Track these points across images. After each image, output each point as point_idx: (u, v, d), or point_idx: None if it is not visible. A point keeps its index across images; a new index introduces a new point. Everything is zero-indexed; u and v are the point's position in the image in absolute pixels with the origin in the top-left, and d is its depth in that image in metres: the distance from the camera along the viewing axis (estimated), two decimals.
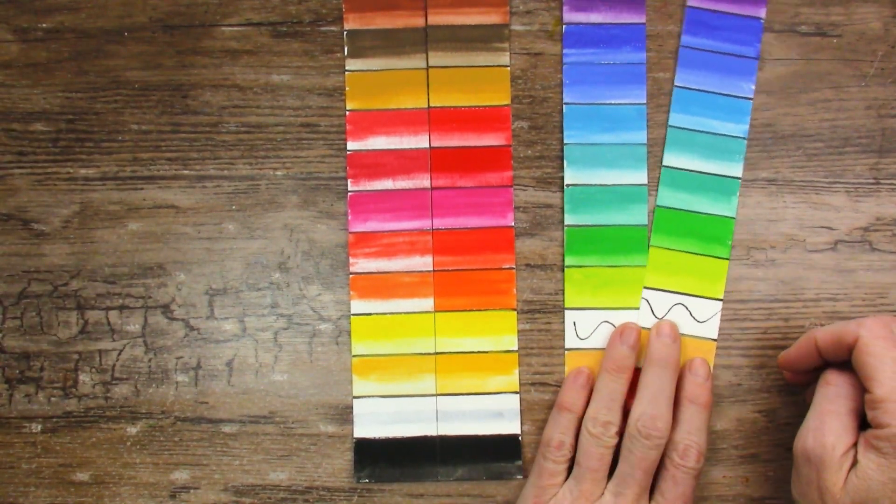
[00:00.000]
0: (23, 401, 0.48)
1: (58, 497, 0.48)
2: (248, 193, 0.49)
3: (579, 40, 0.49)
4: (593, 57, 0.49)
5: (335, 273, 0.48)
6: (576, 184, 0.48)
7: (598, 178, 0.48)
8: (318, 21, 0.50)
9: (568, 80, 0.49)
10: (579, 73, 0.49)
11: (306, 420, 0.48)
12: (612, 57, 0.49)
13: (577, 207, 0.48)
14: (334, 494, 0.47)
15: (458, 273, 0.48)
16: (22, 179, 0.49)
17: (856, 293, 0.48)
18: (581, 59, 0.49)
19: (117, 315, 0.48)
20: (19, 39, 0.49)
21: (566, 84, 0.49)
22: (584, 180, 0.48)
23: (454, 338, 0.48)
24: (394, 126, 0.49)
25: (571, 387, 0.46)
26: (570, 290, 0.48)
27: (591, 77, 0.49)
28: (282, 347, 0.48)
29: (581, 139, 0.49)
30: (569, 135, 0.49)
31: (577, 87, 0.49)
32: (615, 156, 0.48)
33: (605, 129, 0.49)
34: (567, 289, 0.48)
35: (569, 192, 0.48)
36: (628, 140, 0.48)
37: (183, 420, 0.48)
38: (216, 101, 0.49)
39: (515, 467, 0.47)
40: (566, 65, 0.49)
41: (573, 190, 0.48)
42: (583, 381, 0.46)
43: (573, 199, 0.48)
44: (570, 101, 0.49)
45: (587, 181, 0.48)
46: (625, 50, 0.49)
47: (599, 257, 0.48)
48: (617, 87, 0.49)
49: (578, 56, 0.49)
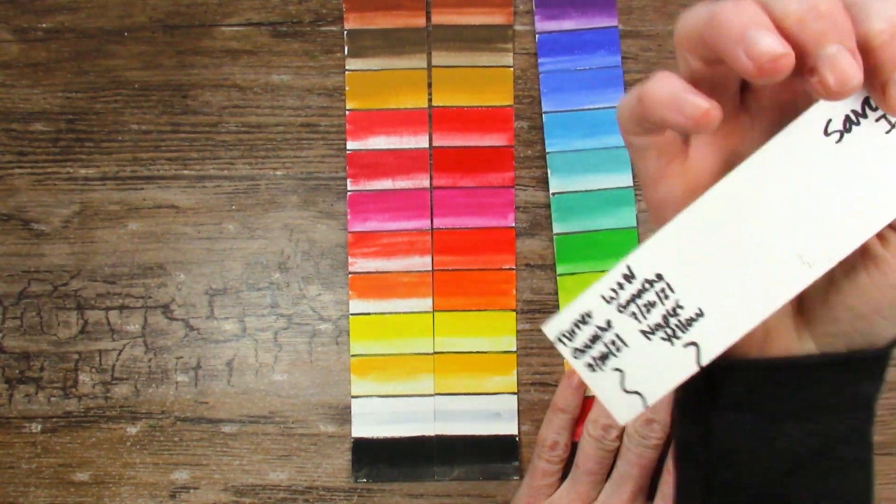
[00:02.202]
0: (23, 401, 0.48)
1: (58, 497, 0.48)
2: (248, 193, 0.49)
3: (553, 48, 0.49)
4: (569, 64, 0.49)
5: (335, 273, 0.48)
6: (561, 192, 0.48)
7: (583, 185, 0.48)
8: (318, 21, 0.49)
9: (545, 88, 0.49)
10: (556, 81, 0.49)
11: (306, 420, 0.48)
12: (588, 62, 0.49)
13: (564, 215, 0.48)
14: (334, 494, 0.47)
15: (458, 273, 0.48)
16: (22, 179, 0.49)
17: None
18: (557, 66, 0.49)
19: (117, 315, 0.48)
20: (19, 39, 0.49)
21: (544, 93, 0.49)
22: (570, 187, 0.48)
23: (453, 338, 0.48)
24: (394, 126, 0.49)
25: (566, 388, 0.46)
26: (563, 297, 0.48)
27: (569, 84, 0.49)
28: (282, 347, 0.48)
29: (563, 147, 0.48)
30: (550, 143, 0.48)
31: (554, 96, 0.49)
32: (598, 160, 0.48)
33: (586, 135, 0.48)
34: (561, 297, 0.48)
35: (555, 201, 0.48)
36: (610, 144, 0.48)
37: (183, 420, 0.48)
38: (216, 101, 0.49)
39: (513, 468, 0.47)
40: (542, 74, 0.49)
41: (559, 198, 0.48)
42: (577, 382, 0.45)
43: (560, 207, 0.48)
44: (548, 110, 0.49)
45: (572, 188, 0.48)
46: (599, 54, 0.49)
47: (591, 263, 0.48)
48: (595, 92, 0.49)
49: (554, 64, 0.49)
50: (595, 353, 0.26)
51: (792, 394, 0.26)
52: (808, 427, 0.26)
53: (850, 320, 0.25)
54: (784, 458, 0.26)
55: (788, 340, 0.27)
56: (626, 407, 0.26)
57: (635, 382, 0.26)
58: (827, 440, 0.26)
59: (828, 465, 0.27)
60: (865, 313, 0.25)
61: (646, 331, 0.25)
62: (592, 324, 0.26)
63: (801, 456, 0.26)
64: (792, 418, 0.26)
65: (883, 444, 0.47)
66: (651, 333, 0.25)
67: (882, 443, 0.47)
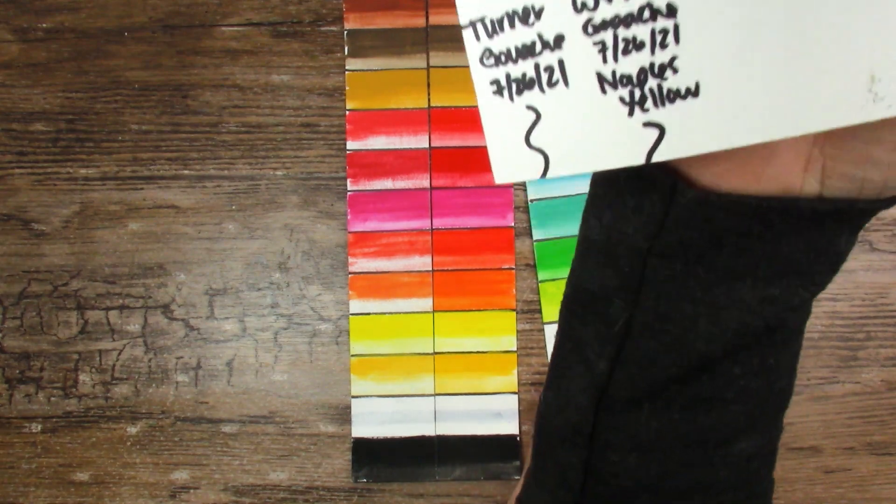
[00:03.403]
0: (23, 401, 0.48)
1: (58, 497, 0.48)
2: (248, 193, 0.49)
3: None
4: None
5: (335, 273, 0.48)
6: (539, 198, 0.48)
7: (560, 190, 0.48)
8: (318, 21, 0.49)
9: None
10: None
11: (306, 420, 0.48)
12: None
13: (543, 222, 0.48)
14: (334, 494, 0.47)
15: (458, 273, 0.48)
16: (22, 179, 0.49)
17: (856, 293, 0.48)
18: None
19: (117, 315, 0.48)
20: (19, 39, 0.49)
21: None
22: (548, 193, 0.48)
23: (453, 338, 0.48)
24: (394, 126, 0.49)
25: None
26: (546, 305, 0.48)
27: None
28: (282, 347, 0.48)
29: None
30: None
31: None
32: None
33: None
34: (543, 304, 0.48)
35: (533, 208, 0.48)
36: None
37: (183, 420, 0.48)
38: (216, 101, 0.49)
39: (514, 467, 0.47)
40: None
41: (538, 205, 0.48)
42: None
43: (539, 213, 0.48)
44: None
45: (550, 194, 0.48)
46: None
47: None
48: None
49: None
50: (515, 73, 0.17)
51: (765, 245, 0.21)
52: (768, 292, 0.21)
53: (890, 166, 0.19)
54: (727, 334, 0.21)
55: (791, 174, 0.20)
56: (517, 164, 0.18)
57: (547, 139, 0.18)
58: (783, 311, 0.21)
59: (775, 340, 0.22)
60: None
61: (606, 77, 0.17)
62: (536, 28, 0.17)
63: (750, 332, 0.22)
64: (750, 278, 0.21)
65: (883, 443, 0.47)
66: (611, 85, 0.17)
67: (882, 443, 0.47)
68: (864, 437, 0.47)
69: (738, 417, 0.23)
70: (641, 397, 0.23)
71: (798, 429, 0.42)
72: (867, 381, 0.47)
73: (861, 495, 0.47)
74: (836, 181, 0.20)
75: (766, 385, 0.23)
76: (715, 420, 0.23)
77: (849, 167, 0.20)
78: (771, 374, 0.23)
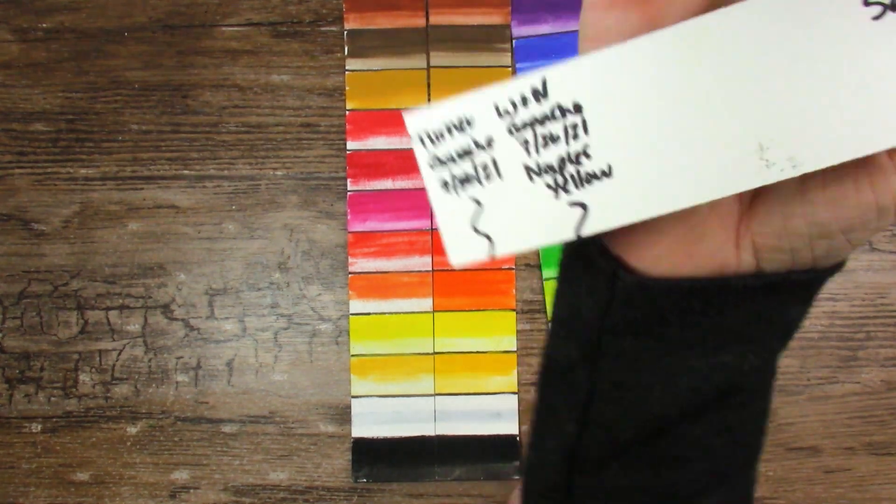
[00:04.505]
0: (23, 401, 0.48)
1: (58, 497, 0.48)
2: (248, 193, 0.49)
3: (531, 53, 0.49)
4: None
5: (335, 273, 0.48)
6: None
7: None
8: (318, 21, 0.49)
9: None
10: None
11: (306, 420, 0.48)
12: None
13: None
14: (334, 494, 0.47)
15: (458, 273, 0.48)
16: (22, 179, 0.49)
17: (856, 293, 0.48)
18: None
19: (117, 315, 0.48)
20: (19, 39, 0.49)
21: None
22: None
23: (453, 338, 0.48)
24: (394, 126, 0.49)
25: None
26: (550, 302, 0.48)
27: None
28: (282, 347, 0.48)
29: None
30: None
31: None
32: None
33: None
34: (548, 302, 0.48)
35: None
36: None
37: (183, 420, 0.48)
38: (216, 101, 0.49)
39: (513, 468, 0.47)
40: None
41: None
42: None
43: None
44: None
45: None
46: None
47: None
48: None
49: (532, 68, 0.49)
50: (457, 172, 0.20)
51: (709, 319, 0.21)
52: (718, 359, 0.22)
53: (811, 237, 0.20)
54: (681, 399, 0.22)
55: (724, 251, 0.21)
56: (467, 247, 0.21)
57: (491, 224, 0.20)
58: (736, 376, 0.22)
59: (732, 402, 0.23)
60: (833, 231, 0.20)
61: (532, 168, 0.19)
62: (470, 135, 0.20)
63: (704, 396, 0.22)
64: (699, 347, 0.22)
65: (883, 443, 0.47)
66: (537, 174, 0.19)
67: (882, 443, 0.47)
68: (864, 437, 0.47)
69: (704, 475, 0.24)
70: (609, 457, 0.24)
71: (798, 429, 0.42)
72: (867, 381, 0.47)
73: (861, 495, 0.47)
74: (768, 254, 0.21)
75: (729, 443, 0.24)
76: (680, 477, 0.24)
77: (774, 240, 0.21)
78: (735, 433, 0.24)
